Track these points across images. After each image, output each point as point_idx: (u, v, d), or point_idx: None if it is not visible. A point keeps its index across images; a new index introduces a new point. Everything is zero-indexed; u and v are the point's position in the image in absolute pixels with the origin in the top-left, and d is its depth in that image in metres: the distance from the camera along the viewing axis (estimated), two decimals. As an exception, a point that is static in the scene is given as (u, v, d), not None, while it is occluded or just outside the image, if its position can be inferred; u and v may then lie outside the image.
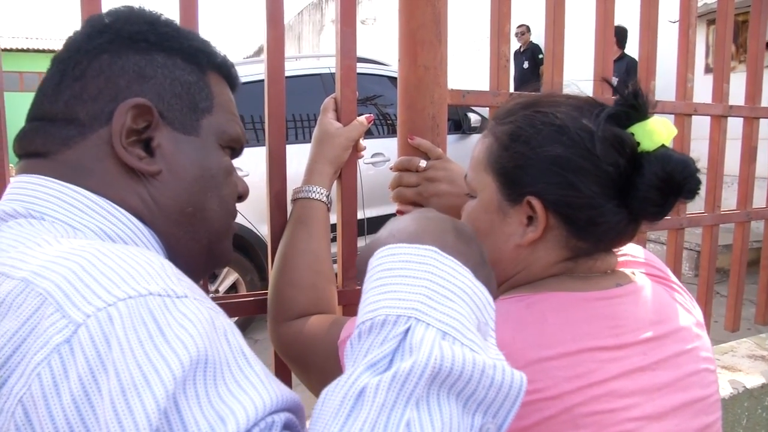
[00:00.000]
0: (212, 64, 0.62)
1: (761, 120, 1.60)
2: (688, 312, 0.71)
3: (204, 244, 0.60)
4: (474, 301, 0.41)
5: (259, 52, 16.17)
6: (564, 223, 0.65)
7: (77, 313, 0.36)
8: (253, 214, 3.25)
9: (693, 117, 1.46)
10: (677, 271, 1.46)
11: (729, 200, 1.72)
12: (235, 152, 0.65)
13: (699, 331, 0.70)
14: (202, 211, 0.59)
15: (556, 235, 0.66)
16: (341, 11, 0.95)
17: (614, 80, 5.25)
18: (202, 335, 0.37)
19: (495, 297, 0.47)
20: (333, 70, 3.55)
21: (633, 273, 0.71)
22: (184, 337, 0.36)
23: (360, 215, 3.43)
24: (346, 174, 0.97)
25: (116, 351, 0.34)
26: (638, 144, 0.63)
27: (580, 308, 0.63)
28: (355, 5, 0.96)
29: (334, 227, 0.99)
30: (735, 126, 1.59)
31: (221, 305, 0.97)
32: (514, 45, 6.91)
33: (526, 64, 6.78)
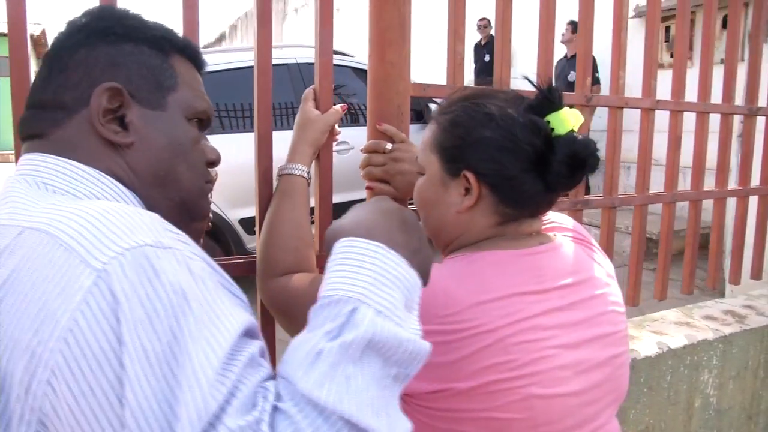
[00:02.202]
0: (175, 48, 0.71)
1: (685, 114, 1.80)
2: (600, 265, 0.86)
3: (177, 201, 0.69)
4: (405, 286, 0.55)
5: (220, 40, 15.83)
6: (493, 193, 0.80)
7: (96, 262, 0.46)
8: (221, 201, 3.31)
9: (625, 110, 1.65)
10: (610, 249, 1.62)
11: (659, 187, 1.90)
12: (203, 123, 0.74)
13: (609, 280, 0.86)
14: (173, 173, 0.68)
15: (488, 202, 0.80)
16: (320, 13, 1.09)
17: (573, 75, 5.44)
18: (183, 280, 0.48)
19: (427, 275, 0.62)
20: (298, 61, 3.61)
21: (555, 235, 0.87)
22: (172, 279, 0.47)
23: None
24: (323, 155, 1.11)
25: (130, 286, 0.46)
26: (552, 129, 0.78)
27: (510, 262, 0.77)
28: (332, 8, 1.10)
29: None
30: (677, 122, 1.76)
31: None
32: (476, 38, 6.84)
33: (487, 57, 6.71)
